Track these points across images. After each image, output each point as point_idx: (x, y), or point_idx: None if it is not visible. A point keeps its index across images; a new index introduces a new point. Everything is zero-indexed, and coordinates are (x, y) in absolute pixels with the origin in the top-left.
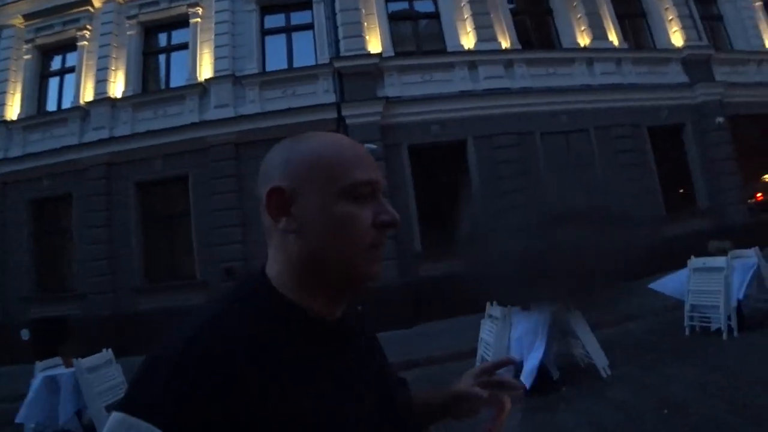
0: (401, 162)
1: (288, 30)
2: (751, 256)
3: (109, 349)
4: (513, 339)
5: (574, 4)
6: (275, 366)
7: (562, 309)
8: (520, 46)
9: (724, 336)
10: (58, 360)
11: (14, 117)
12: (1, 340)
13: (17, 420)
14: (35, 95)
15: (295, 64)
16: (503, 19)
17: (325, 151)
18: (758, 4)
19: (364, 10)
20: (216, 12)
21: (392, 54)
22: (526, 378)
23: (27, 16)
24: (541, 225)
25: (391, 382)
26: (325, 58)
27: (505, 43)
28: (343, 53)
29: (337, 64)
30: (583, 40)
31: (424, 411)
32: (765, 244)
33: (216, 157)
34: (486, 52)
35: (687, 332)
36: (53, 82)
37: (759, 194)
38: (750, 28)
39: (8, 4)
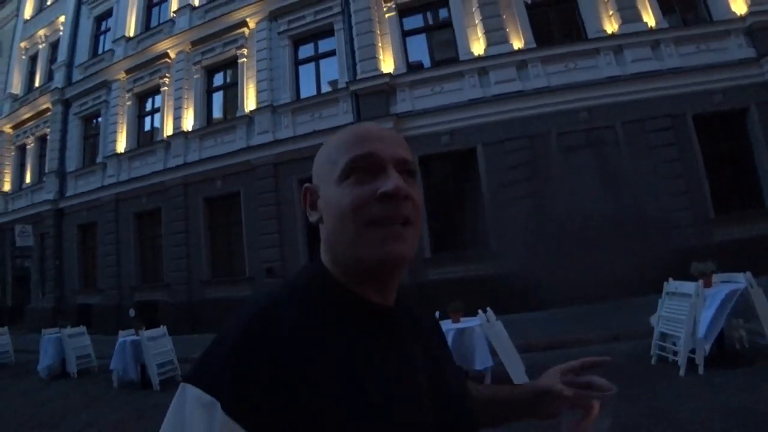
0: None
1: (316, 58)
2: (740, 281)
3: (164, 326)
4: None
5: None
6: (327, 349)
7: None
8: (534, 45)
9: (681, 372)
10: (131, 330)
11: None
12: (118, 316)
13: (111, 366)
14: (136, 132)
15: (323, 89)
16: (517, 17)
17: (331, 140)
18: None
19: (379, 32)
20: (257, 51)
21: (404, 71)
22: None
23: (127, 71)
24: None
25: (448, 372)
26: (345, 82)
27: (518, 44)
28: (359, 76)
29: (353, 87)
30: (611, 26)
31: (506, 406)
32: None
33: (259, 176)
34: (497, 56)
35: (653, 361)
36: (147, 121)
37: None
38: None
39: (114, 63)
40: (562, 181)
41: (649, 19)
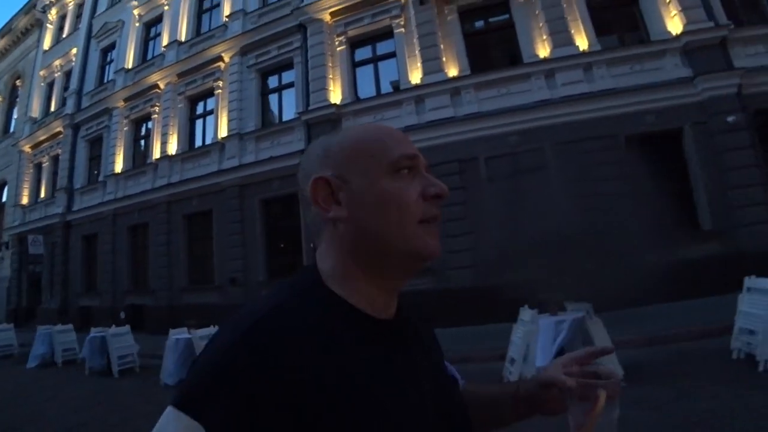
0: None
1: (279, 89)
2: None
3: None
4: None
5: (537, 12)
6: (324, 363)
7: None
8: (469, 72)
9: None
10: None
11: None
12: (112, 317)
13: (80, 355)
14: (131, 154)
15: (285, 118)
16: (455, 46)
17: (365, 134)
18: None
19: (330, 64)
20: (230, 83)
21: (351, 100)
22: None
23: (125, 100)
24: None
25: (446, 382)
26: (297, 112)
27: (453, 71)
28: (311, 106)
29: (304, 117)
30: (545, 50)
31: (511, 404)
32: None
33: (228, 197)
34: (433, 84)
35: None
36: (141, 144)
37: None
38: None
39: (115, 92)
40: (492, 203)
41: (582, 42)
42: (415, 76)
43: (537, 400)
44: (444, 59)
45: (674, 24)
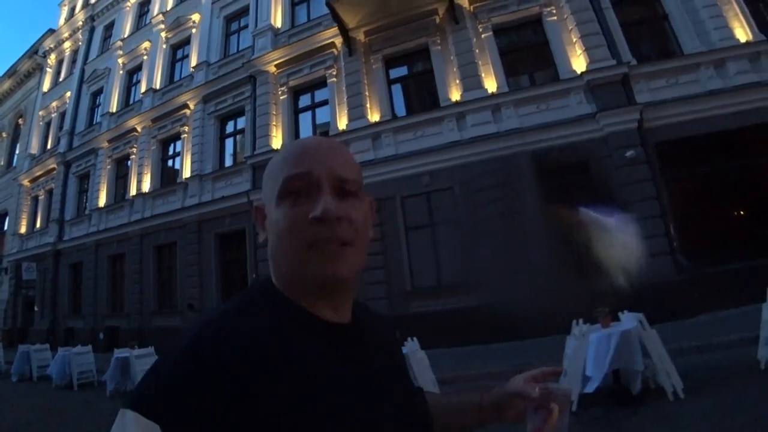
0: None
1: (234, 134)
2: None
3: (90, 345)
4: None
5: (452, 57)
6: (276, 365)
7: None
8: (390, 116)
9: None
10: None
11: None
12: (92, 337)
13: (47, 371)
14: (113, 191)
15: (239, 160)
16: (378, 95)
17: (276, 156)
18: None
19: (274, 112)
20: (193, 128)
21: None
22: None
23: (109, 141)
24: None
25: (409, 386)
26: (245, 156)
27: (376, 117)
28: (256, 151)
29: (250, 161)
30: (457, 94)
31: (475, 411)
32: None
33: (188, 231)
34: (356, 130)
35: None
36: (122, 182)
37: None
38: (707, 20)
39: (101, 134)
40: (407, 242)
41: (492, 85)
42: (342, 123)
43: (500, 409)
44: (368, 106)
45: (579, 63)
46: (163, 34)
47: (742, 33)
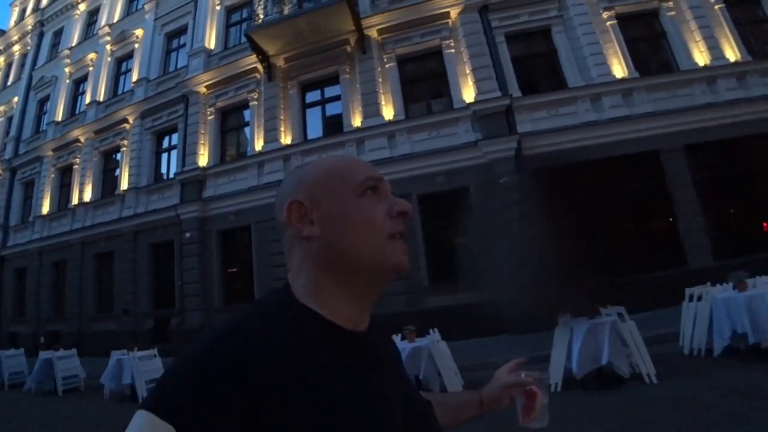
0: (209, 246)
1: (169, 150)
2: None
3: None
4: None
5: (357, 85)
6: (293, 374)
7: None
8: (301, 139)
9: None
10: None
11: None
12: (35, 342)
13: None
14: (57, 198)
15: (171, 175)
16: (293, 119)
17: (335, 162)
18: (610, 23)
19: (203, 131)
20: (132, 142)
21: (215, 162)
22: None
23: (54, 150)
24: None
25: (417, 399)
26: (174, 173)
27: (288, 140)
28: (185, 168)
29: (178, 177)
30: (358, 121)
31: (474, 408)
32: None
33: (125, 240)
34: (270, 152)
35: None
36: (65, 191)
37: None
38: (588, 57)
39: (46, 143)
40: None
41: (389, 112)
42: (259, 144)
43: (496, 400)
44: (282, 129)
45: (469, 93)
46: (108, 47)
47: (619, 70)
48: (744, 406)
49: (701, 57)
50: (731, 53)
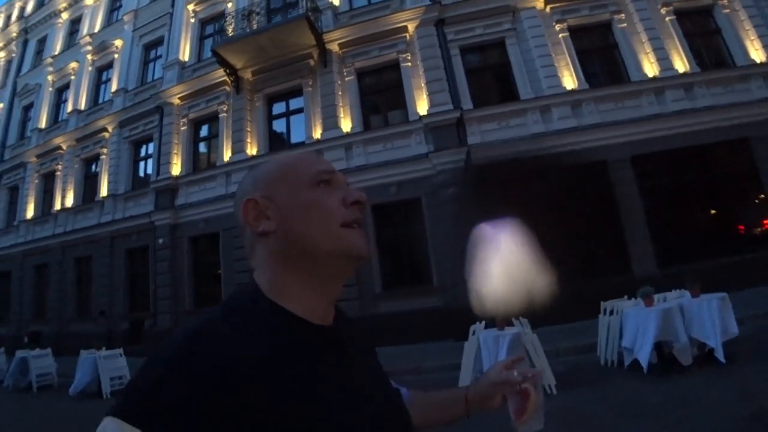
0: (181, 252)
1: (145, 159)
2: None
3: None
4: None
5: (318, 98)
6: (264, 371)
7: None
8: (266, 151)
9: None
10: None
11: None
12: (17, 341)
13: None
14: (41, 203)
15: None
16: (259, 130)
17: (287, 158)
18: (563, 35)
19: (176, 141)
20: (111, 150)
21: (188, 172)
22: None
23: (37, 156)
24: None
25: (389, 389)
26: (150, 181)
27: (254, 151)
28: (159, 176)
29: (153, 185)
30: (318, 133)
31: (459, 405)
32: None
33: (103, 245)
34: (237, 162)
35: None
36: (48, 196)
37: None
38: (539, 69)
39: (30, 149)
40: None
41: (347, 125)
42: (227, 155)
43: (485, 399)
44: (248, 140)
45: (423, 106)
46: (89, 56)
47: (570, 81)
48: (626, 420)
49: (651, 68)
50: (680, 64)
